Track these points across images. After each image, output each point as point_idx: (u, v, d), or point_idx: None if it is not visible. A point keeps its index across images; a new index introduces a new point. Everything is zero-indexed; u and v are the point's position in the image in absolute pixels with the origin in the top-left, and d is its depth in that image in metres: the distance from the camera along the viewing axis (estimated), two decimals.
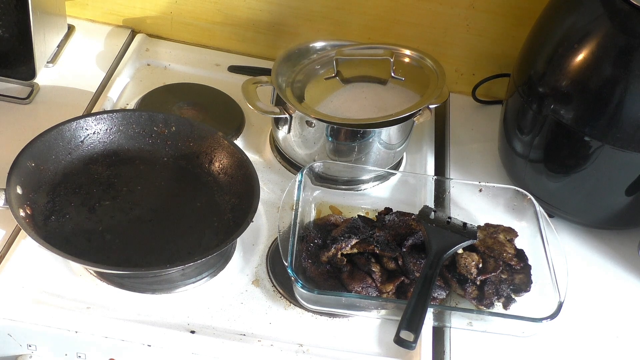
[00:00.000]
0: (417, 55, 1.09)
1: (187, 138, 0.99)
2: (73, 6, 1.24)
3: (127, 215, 0.91)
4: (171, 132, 0.99)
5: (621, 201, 0.98)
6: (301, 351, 0.82)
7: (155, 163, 0.98)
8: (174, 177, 0.98)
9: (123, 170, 0.97)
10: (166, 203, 0.94)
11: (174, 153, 0.99)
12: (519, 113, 1.02)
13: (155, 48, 1.25)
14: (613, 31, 0.89)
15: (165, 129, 0.99)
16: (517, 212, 1.00)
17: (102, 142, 0.98)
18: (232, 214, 0.93)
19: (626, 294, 0.97)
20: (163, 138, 0.99)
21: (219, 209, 0.94)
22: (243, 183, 0.94)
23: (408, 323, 0.80)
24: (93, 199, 0.92)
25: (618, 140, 0.90)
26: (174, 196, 0.95)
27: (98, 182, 0.94)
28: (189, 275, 0.86)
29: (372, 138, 1.00)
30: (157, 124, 0.99)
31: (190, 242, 0.89)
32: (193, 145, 0.99)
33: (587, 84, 0.91)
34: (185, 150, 0.99)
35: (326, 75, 1.07)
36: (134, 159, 0.98)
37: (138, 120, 0.99)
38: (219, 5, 1.23)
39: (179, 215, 0.93)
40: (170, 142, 0.99)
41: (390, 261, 0.90)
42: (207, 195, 0.95)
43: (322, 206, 1.00)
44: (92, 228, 0.88)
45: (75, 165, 0.95)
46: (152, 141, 0.99)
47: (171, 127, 0.99)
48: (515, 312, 0.88)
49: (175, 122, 0.99)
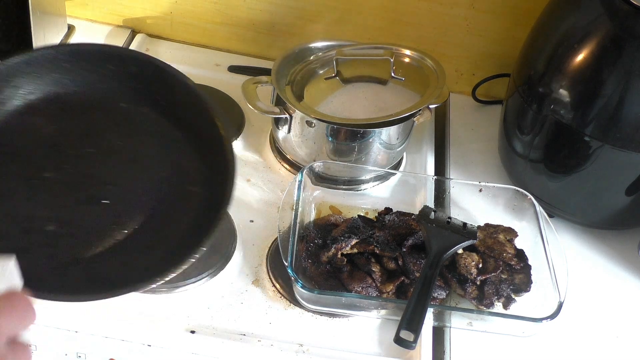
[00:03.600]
0: (417, 55, 1.09)
1: (149, 81, 0.77)
2: (73, 6, 1.24)
3: (77, 194, 0.71)
4: (130, 73, 0.77)
5: (621, 201, 0.98)
6: (301, 351, 0.82)
7: (110, 111, 0.77)
8: (134, 130, 0.77)
9: (69, 123, 0.76)
10: (124, 173, 0.74)
11: (134, 97, 0.77)
12: (519, 113, 1.02)
13: (155, 48, 1.25)
14: (613, 31, 0.89)
15: (122, 69, 0.76)
16: (517, 212, 1.00)
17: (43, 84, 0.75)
18: (202, 189, 0.73)
19: (626, 294, 0.97)
20: (120, 79, 0.77)
21: (188, 182, 0.74)
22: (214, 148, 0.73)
23: (408, 323, 0.80)
24: (30, 168, 0.71)
25: (618, 140, 0.90)
26: (133, 161, 0.75)
27: (38, 143, 0.73)
28: (189, 275, 0.86)
29: (372, 138, 1.00)
30: (113, 62, 0.76)
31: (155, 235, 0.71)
32: (157, 89, 0.77)
33: (587, 84, 0.91)
34: (149, 95, 0.77)
35: (326, 75, 1.07)
36: (83, 107, 0.76)
37: (88, 56, 0.76)
38: (219, 5, 1.23)
39: (140, 191, 0.73)
40: (129, 86, 0.77)
41: (390, 261, 0.90)
42: (173, 159, 0.75)
43: (322, 206, 1.00)
44: (30, 214, 0.69)
45: (8, 118, 0.73)
46: (106, 83, 0.77)
47: (130, 66, 0.76)
48: (515, 312, 0.88)
49: (135, 62, 0.77)
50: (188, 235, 0.70)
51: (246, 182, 1.03)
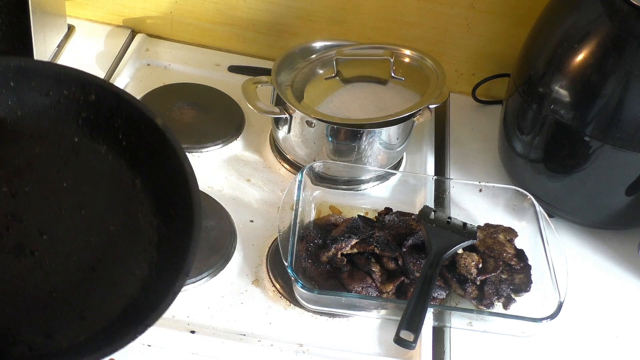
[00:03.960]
0: (417, 55, 1.09)
1: (111, 114, 0.66)
2: (73, 6, 1.24)
3: (2, 244, 0.59)
4: (88, 102, 0.66)
5: (621, 201, 0.98)
6: (301, 351, 0.82)
7: (60, 144, 0.66)
8: (84, 171, 0.66)
9: (8, 153, 0.64)
10: (64, 221, 0.61)
11: (90, 132, 0.66)
12: (519, 113, 1.02)
13: (155, 48, 1.25)
14: (613, 31, 0.89)
15: (79, 95, 0.66)
16: (517, 212, 1.00)
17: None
18: (157, 252, 0.63)
19: (626, 294, 0.97)
20: (75, 108, 0.66)
21: (141, 240, 0.63)
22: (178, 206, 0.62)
23: (408, 323, 0.80)
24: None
25: (618, 140, 0.90)
26: (79, 207, 0.63)
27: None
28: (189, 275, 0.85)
29: (372, 138, 1.00)
30: (69, 87, 0.65)
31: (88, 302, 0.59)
32: (118, 125, 0.66)
33: (587, 84, 0.91)
34: (107, 130, 0.66)
35: (326, 75, 1.07)
36: (28, 135, 0.65)
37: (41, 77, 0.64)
38: (219, 5, 1.23)
39: (81, 246, 0.61)
40: (85, 115, 0.66)
41: (390, 261, 0.90)
42: (126, 211, 0.64)
43: (322, 206, 1.00)
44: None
45: None
46: (59, 111, 0.66)
47: (89, 94, 0.66)
48: (515, 312, 0.88)
49: (96, 90, 0.66)
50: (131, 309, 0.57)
51: (246, 182, 1.03)
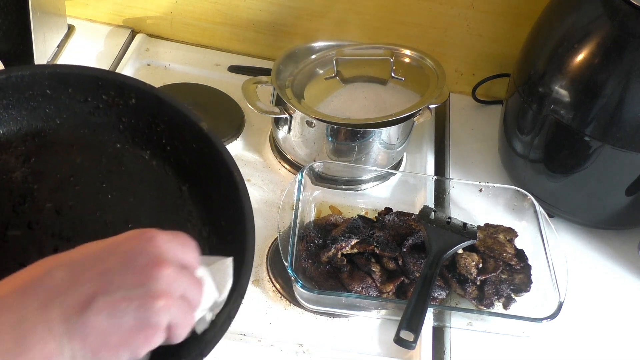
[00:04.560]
0: (417, 55, 1.09)
1: (152, 118, 0.62)
2: (73, 6, 1.24)
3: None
4: (128, 106, 0.62)
5: (621, 201, 0.98)
6: (301, 351, 0.82)
7: (102, 153, 0.62)
8: (129, 181, 0.62)
9: (49, 166, 0.60)
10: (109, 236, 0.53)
11: (132, 137, 0.63)
12: (519, 113, 1.02)
13: (155, 48, 1.25)
14: (613, 31, 0.89)
15: (119, 100, 0.62)
16: (517, 212, 1.00)
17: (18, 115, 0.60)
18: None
19: (626, 294, 0.97)
20: (115, 113, 0.62)
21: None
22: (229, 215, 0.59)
23: (408, 323, 0.80)
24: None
25: (618, 140, 0.90)
26: (125, 222, 0.60)
27: (7, 188, 0.59)
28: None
29: (372, 138, 1.00)
30: (107, 91, 0.61)
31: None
32: (161, 130, 0.63)
33: (587, 84, 0.91)
34: (150, 135, 0.63)
35: (326, 75, 1.07)
36: (68, 145, 0.62)
37: (78, 82, 0.60)
38: (219, 5, 1.23)
39: None
40: (126, 120, 0.63)
41: (390, 261, 0.90)
42: (175, 221, 0.61)
43: (322, 206, 1.00)
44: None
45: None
46: (98, 117, 0.62)
47: (129, 98, 0.62)
48: (515, 312, 0.88)
49: (136, 93, 0.62)
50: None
51: (246, 182, 1.02)
